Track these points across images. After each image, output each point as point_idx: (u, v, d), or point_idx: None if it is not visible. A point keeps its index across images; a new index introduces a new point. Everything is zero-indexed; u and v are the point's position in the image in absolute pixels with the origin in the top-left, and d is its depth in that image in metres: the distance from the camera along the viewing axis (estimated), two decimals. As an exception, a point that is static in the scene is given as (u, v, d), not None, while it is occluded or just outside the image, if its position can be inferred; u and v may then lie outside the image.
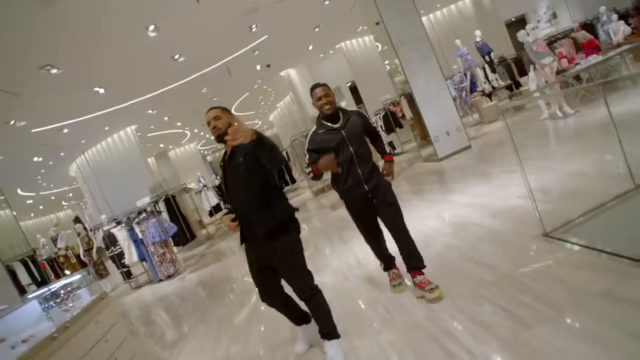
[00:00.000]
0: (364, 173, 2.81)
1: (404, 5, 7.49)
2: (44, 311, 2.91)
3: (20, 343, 2.41)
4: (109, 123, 10.60)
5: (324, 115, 2.85)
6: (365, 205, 2.90)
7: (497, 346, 2.04)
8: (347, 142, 2.79)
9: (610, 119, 3.10)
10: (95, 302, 3.18)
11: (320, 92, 2.82)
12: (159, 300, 6.40)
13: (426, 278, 2.81)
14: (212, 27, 7.33)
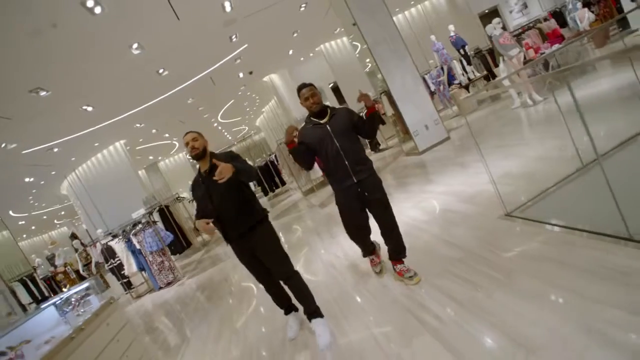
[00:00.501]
0: (351, 165, 2.93)
1: (376, 7, 7.84)
2: (60, 316, 3.19)
3: (43, 344, 2.69)
4: (98, 139, 10.80)
5: (312, 113, 3.04)
6: (355, 197, 3.00)
7: (460, 309, 2.38)
8: (332, 136, 2.94)
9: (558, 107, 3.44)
10: (104, 307, 3.46)
11: (307, 92, 3.00)
12: (160, 307, 6.65)
13: (406, 266, 3.11)
14: (193, 40, 7.60)
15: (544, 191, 3.38)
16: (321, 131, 2.96)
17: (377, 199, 3.02)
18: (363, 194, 2.99)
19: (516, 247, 2.77)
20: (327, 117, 3.00)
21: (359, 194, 2.99)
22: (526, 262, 2.53)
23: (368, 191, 2.99)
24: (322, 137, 2.95)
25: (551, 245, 2.59)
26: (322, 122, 2.98)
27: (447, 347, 2.13)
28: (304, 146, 2.99)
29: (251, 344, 3.43)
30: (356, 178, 2.95)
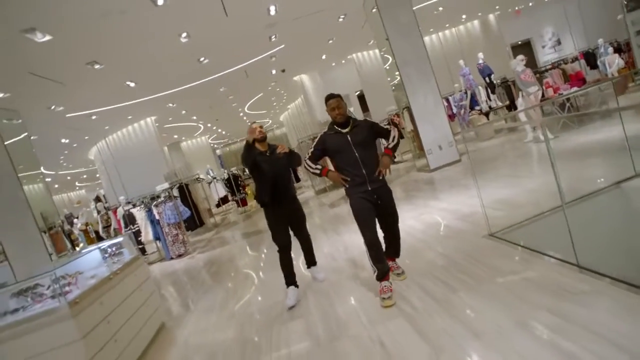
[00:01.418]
0: (367, 173, 3.15)
1: (409, 27, 8.32)
2: (102, 259, 3.78)
3: (89, 278, 3.27)
4: (133, 113, 11.52)
5: (335, 122, 3.28)
6: (368, 202, 3.18)
7: (433, 303, 2.87)
8: (352, 146, 3.16)
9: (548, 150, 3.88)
10: (133, 260, 4.03)
11: (334, 103, 3.23)
12: (169, 276, 7.23)
13: (397, 264, 3.54)
14: (235, 35, 8.19)
15: (526, 219, 3.84)
16: (342, 140, 3.20)
17: (390, 208, 3.32)
18: (377, 201, 3.22)
19: (491, 262, 3.24)
20: (349, 128, 3.23)
21: (374, 200, 3.20)
22: (495, 274, 3.01)
23: (382, 200, 3.23)
24: (342, 145, 3.19)
25: (518, 264, 3.06)
26: (343, 132, 3.22)
27: (415, 329, 2.62)
28: (319, 152, 3.32)
29: (250, 315, 3.97)
30: (371, 186, 3.17)
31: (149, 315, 3.89)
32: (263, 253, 6.57)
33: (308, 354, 2.76)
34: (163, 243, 8.39)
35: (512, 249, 3.36)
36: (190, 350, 3.51)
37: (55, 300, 2.76)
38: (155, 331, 4.00)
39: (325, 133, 3.34)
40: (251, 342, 3.25)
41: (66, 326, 2.69)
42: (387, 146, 3.29)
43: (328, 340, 2.87)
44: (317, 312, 3.41)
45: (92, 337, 2.84)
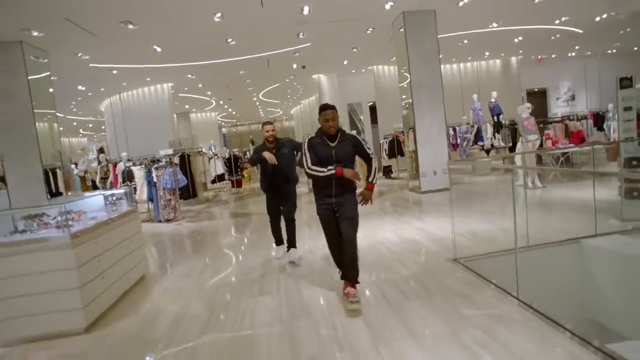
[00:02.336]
0: (336, 189, 3.31)
1: (431, 54, 8.70)
2: (104, 205, 4.13)
3: (90, 218, 3.62)
4: (152, 75, 11.85)
5: (325, 132, 3.36)
6: (329, 212, 3.40)
7: (386, 304, 3.25)
8: (333, 160, 3.27)
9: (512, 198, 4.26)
10: (130, 212, 4.39)
11: (330, 115, 3.31)
12: (154, 237, 7.56)
13: (354, 291, 3.27)
14: (266, 25, 8.54)
15: (489, 253, 4.22)
16: (327, 152, 3.31)
17: (346, 216, 3.34)
18: (335, 210, 3.38)
19: (446, 281, 3.62)
20: (337, 141, 3.33)
21: (335, 210, 3.38)
22: (447, 292, 3.38)
23: (340, 210, 3.35)
24: (325, 156, 3.29)
25: (469, 288, 3.43)
26: (331, 145, 3.33)
27: (365, 321, 2.98)
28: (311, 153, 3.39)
29: (223, 286, 4.33)
30: (335, 199, 3.34)
31: (133, 265, 4.24)
32: (246, 236, 6.91)
33: (269, 327, 3.11)
34: (155, 205, 8.72)
35: (468, 275, 3.73)
36: (162, 305, 3.85)
37: (60, 230, 3.12)
38: (136, 280, 4.36)
39: (312, 139, 3.42)
40: (219, 310, 3.57)
41: (66, 254, 3.04)
42: (370, 181, 3.44)
43: (289, 318, 3.22)
44: (285, 294, 3.77)
45: (84, 269, 3.19)
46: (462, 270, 3.88)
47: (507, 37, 12.14)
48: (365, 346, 2.64)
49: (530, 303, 2.94)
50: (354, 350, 2.61)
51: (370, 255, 4.67)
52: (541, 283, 3.47)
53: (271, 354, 2.65)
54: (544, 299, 3.10)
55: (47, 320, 3.07)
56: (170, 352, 2.83)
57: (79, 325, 3.14)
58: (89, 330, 3.23)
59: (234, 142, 31.38)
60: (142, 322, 3.42)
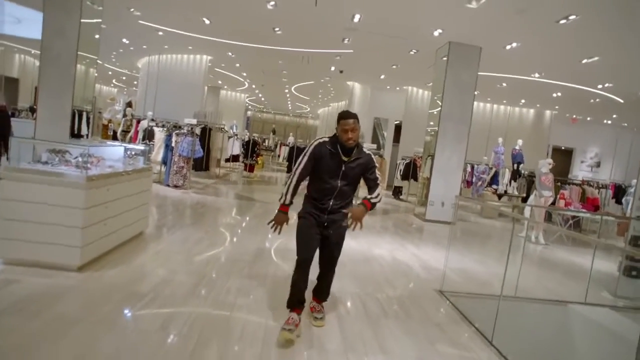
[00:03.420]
0: (332, 205, 2.93)
1: (467, 89, 8.75)
2: (123, 157, 4.29)
3: (107, 166, 3.78)
4: (195, 45, 12.09)
5: (341, 144, 2.87)
6: (316, 227, 2.94)
7: (365, 317, 3.33)
8: (340, 176, 2.89)
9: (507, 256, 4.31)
10: (145, 169, 4.54)
11: (352, 125, 2.82)
12: (157, 198, 7.73)
13: (320, 307, 3.18)
14: (315, 24, 8.69)
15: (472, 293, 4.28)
16: (336, 165, 2.88)
17: (334, 245, 3.00)
18: (325, 232, 2.96)
19: (427, 309, 3.69)
20: (351, 157, 2.89)
21: (324, 228, 2.96)
22: (425, 319, 3.45)
23: (332, 233, 2.96)
24: (332, 170, 2.89)
25: (446, 320, 3.49)
26: (344, 159, 2.88)
27: (340, 327, 3.07)
28: (311, 164, 2.92)
29: (215, 260, 4.45)
30: (328, 217, 2.94)
31: (135, 220, 4.38)
32: (246, 220, 7.03)
33: (248, 312, 3.20)
34: (167, 169, 8.91)
35: (449, 309, 3.79)
36: (153, 264, 3.96)
37: (78, 170, 3.27)
38: (134, 235, 4.50)
39: (323, 145, 2.92)
40: (204, 284, 3.66)
41: (78, 193, 3.19)
42: (369, 198, 2.91)
43: (270, 308, 3.29)
44: (271, 283, 3.85)
45: (91, 212, 3.34)
46: (444, 302, 3.95)
47: (547, 90, 12.11)
48: (336, 352, 2.72)
49: (506, 354, 2.99)
50: (324, 352, 2.69)
51: (361, 268, 4.75)
52: (520, 336, 3.52)
53: (243, 339, 2.74)
54: (520, 353, 3.16)
55: (45, 249, 3.21)
56: (149, 312, 2.94)
57: (73, 262, 3.28)
58: (81, 270, 3.36)
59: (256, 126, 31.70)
60: (131, 276, 3.55)
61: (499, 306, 3.25)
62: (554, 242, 8.44)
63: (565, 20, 6.64)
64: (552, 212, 8.74)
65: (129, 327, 2.70)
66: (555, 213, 8.46)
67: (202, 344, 2.56)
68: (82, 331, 2.51)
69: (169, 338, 2.59)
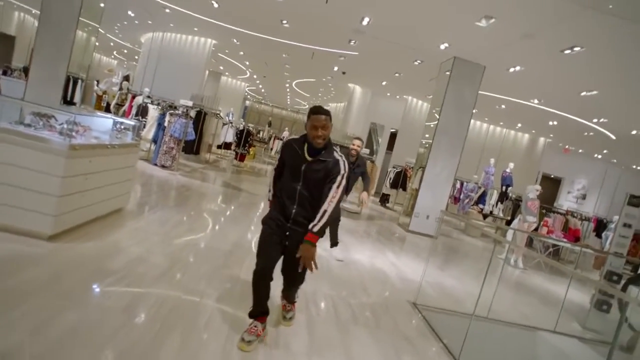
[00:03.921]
0: (295, 213, 2.61)
1: (466, 107, 8.77)
2: (111, 129, 4.19)
3: (93, 137, 3.69)
4: (201, 27, 11.95)
5: (309, 143, 2.59)
6: (277, 236, 2.65)
7: (335, 320, 3.30)
8: (301, 178, 2.59)
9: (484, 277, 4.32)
10: (132, 145, 4.45)
11: (322, 121, 2.52)
12: (143, 177, 7.62)
13: (290, 306, 3.07)
14: (324, 21, 8.63)
15: (444, 309, 4.28)
16: (298, 165, 2.60)
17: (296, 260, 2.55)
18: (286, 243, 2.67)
19: (397, 320, 3.67)
20: (316, 159, 2.57)
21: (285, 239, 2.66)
22: (393, 329, 3.43)
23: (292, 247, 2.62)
24: (294, 169, 2.62)
25: (415, 333, 3.48)
26: (308, 159, 2.58)
27: (309, 329, 3.03)
28: (281, 161, 2.77)
29: (192, 245, 4.38)
30: (290, 225, 2.63)
31: (116, 195, 4.29)
32: (230, 209, 6.96)
33: (218, 301, 3.14)
34: (157, 148, 8.78)
35: (420, 322, 3.78)
36: (129, 242, 3.88)
37: (62, 137, 3.17)
38: (113, 210, 4.40)
39: (292, 142, 2.70)
40: (178, 268, 3.60)
41: (58, 161, 3.09)
42: (310, 228, 2.49)
43: (240, 300, 3.22)
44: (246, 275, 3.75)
45: (69, 181, 3.25)
46: (416, 314, 3.93)
47: (544, 117, 12.22)
48: (300, 353, 2.68)
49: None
50: (288, 353, 2.65)
51: (338, 271, 4.72)
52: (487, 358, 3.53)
53: (209, 328, 2.68)
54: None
55: (17, 214, 3.11)
56: (118, 289, 2.88)
57: (44, 231, 3.19)
58: (52, 239, 3.27)
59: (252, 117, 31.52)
60: (104, 251, 3.46)
61: (470, 325, 3.24)
62: (532, 268, 8.51)
63: (570, 50, 6.69)
64: (533, 238, 8.82)
65: (92, 303, 2.62)
66: (536, 239, 8.53)
67: (166, 329, 2.50)
68: (42, 303, 2.43)
69: (133, 319, 2.53)
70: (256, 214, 6.74)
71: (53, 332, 2.17)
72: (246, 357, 2.45)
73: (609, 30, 5.70)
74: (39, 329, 2.17)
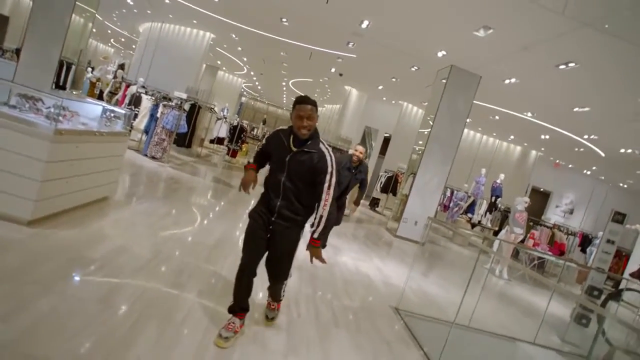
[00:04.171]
0: (279, 206, 2.59)
1: (460, 114, 8.79)
2: (100, 117, 4.12)
3: (81, 123, 3.62)
4: (200, 20, 11.87)
5: (294, 133, 2.56)
6: (261, 231, 2.64)
7: (314, 321, 3.27)
8: (285, 170, 2.55)
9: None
10: (121, 134, 4.39)
11: (307, 111, 2.46)
12: (133, 167, 7.53)
13: (275, 304, 3.03)
14: (324, 21, 8.61)
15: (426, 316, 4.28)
16: (283, 156, 2.56)
17: (279, 252, 2.68)
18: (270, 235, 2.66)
19: (379, 324, 3.66)
20: (301, 149, 2.53)
21: (268, 230, 2.65)
22: (373, 334, 3.41)
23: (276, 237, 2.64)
24: (279, 159, 2.59)
25: (395, 338, 3.47)
26: (293, 149, 2.54)
27: (287, 328, 3.01)
28: (265, 148, 2.76)
29: (177, 239, 4.33)
30: (275, 219, 2.62)
31: (102, 183, 4.23)
32: (219, 204, 6.92)
33: (199, 296, 3.10)
34: (148, 139, 8.69)
35: (402, 328, 3.77)
36: (112, 231, 3.83)
37: (48, 121, 3.11)
38: (98, 198, 4.34)
39: (277, 133, 2.68)
40: (161, 260, 3.56)
41: (42, 145, 3.03)
42: (312, 234, 2.56)
43: (221, 295, 3.21)
44: (228, 272, 3.74)
45: (53, 166, 3.19)
46: (397, 320, 3.92)
47: (536, 130, 12.33)
48: (277, 352, 2.65)
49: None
50: (265, 350, 2.63)
51: (322, 273, 4.68)
52: None
53: (188, 321, 2.65)
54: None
55: (-3, 197, 3.05)
56: (95, 279, 2.83)
57: (23, 216, 3.13)
58: (32, 225, 3.21)
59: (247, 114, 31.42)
60: (85, 239, 3.41)
61: (450, 333, 3.24)
62: (517, 279, 8.57)
63: (564, 66, 6.75)
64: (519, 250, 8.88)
65: (67, 291, 2.56)
66: (522, 251, 8.59)
67: (142, 321, 2.46)
68: (14, 289, 2.38)
69: (109, 309, 2.48)
70: (244, 211, 6.69)
71: (23, 320, 2.12)
72: (222, 353, 2.42)
73: (604, 48, 5.75)
74: (9, 316, 2.11)
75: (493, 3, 5.65)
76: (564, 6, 4.76)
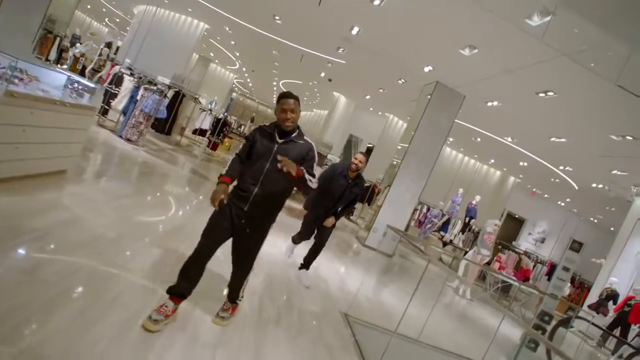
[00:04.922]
0: (256, 194, 2.63)
1: (440, 133, 8.85)
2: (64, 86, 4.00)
3: (39, 89, 3.50)
4: (195, 8, 11.80)
5: (279, 127, 2.72)
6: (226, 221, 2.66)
7: (255, 321, 3.20)
8: (270, 158, 2.64)
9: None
10: (87, 108, 4.27)
11: (290, 105, 2.66)
12: (106, 146, 7.36)
13: (228, 305, 2.95)
14: (314, 24, 8.63)
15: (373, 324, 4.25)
16: (268, 145, 2.68)
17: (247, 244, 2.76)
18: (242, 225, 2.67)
19: (323, 328, 3.61)
20: (285, 140, 2.71)
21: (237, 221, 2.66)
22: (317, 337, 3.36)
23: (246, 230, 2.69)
24: (264, 150, 2.67)
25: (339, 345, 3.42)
26: (278, 141, 2.69)
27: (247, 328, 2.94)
28: (249, 143, 2.76)
29: (144, 225, 4.21)
30: (249, 208, 2.65)
31: (59, 155, 4.09)
32: (194, 197, 6.79)
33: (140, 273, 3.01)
34: (125, 120, 8.52)
35: (347, 334, 3.72)
36: (63, 204, 3.69)
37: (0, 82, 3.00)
38: (55, 171, 4.19)
39: (262, 127, 2.81)
40: (110, 236, 3.45)
41: (-10, 105, 2.92)
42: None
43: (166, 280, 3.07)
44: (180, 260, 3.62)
45: (1, 129, 3.06)
46: (343, 325, 3.88)
47: (515, 157, 12.53)
48: (206, 344, 2.56)
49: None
50: (194, 339, 2.55)
51: (277, 272, 4.60)
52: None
53: (119, 300, 2.55)
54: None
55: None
56: (27, 249, 2.70)
57: (-35, 177, 2.99)
58: (-27, 188, 3.08)
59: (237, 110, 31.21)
60: (31, 208, 3.28)
61: (390, 343, 3.21)
62: (479, 300, 8.63)
63: (544, 94, 6.88)
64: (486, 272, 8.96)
65: (-8, 258, 2.45)
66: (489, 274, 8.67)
67: (65, 295, 2.35)
68: None
69: (31, 280, 2.36)
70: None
71: None
72: (146, 336, 2.33)
73: (580, 80, 5.87)
74: None
75: (478, 23, 5.73)
76: (543, 32, 4.84)
